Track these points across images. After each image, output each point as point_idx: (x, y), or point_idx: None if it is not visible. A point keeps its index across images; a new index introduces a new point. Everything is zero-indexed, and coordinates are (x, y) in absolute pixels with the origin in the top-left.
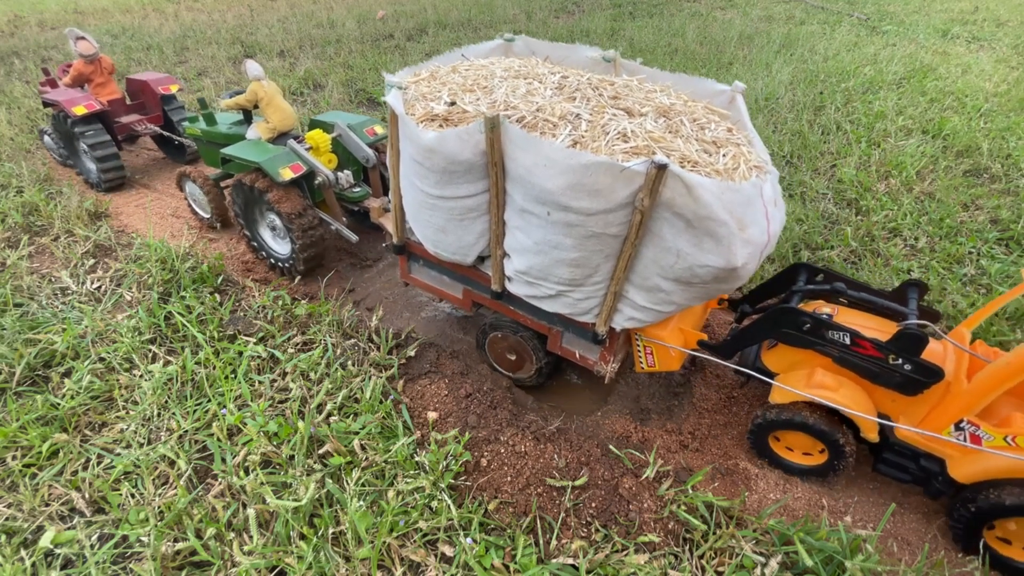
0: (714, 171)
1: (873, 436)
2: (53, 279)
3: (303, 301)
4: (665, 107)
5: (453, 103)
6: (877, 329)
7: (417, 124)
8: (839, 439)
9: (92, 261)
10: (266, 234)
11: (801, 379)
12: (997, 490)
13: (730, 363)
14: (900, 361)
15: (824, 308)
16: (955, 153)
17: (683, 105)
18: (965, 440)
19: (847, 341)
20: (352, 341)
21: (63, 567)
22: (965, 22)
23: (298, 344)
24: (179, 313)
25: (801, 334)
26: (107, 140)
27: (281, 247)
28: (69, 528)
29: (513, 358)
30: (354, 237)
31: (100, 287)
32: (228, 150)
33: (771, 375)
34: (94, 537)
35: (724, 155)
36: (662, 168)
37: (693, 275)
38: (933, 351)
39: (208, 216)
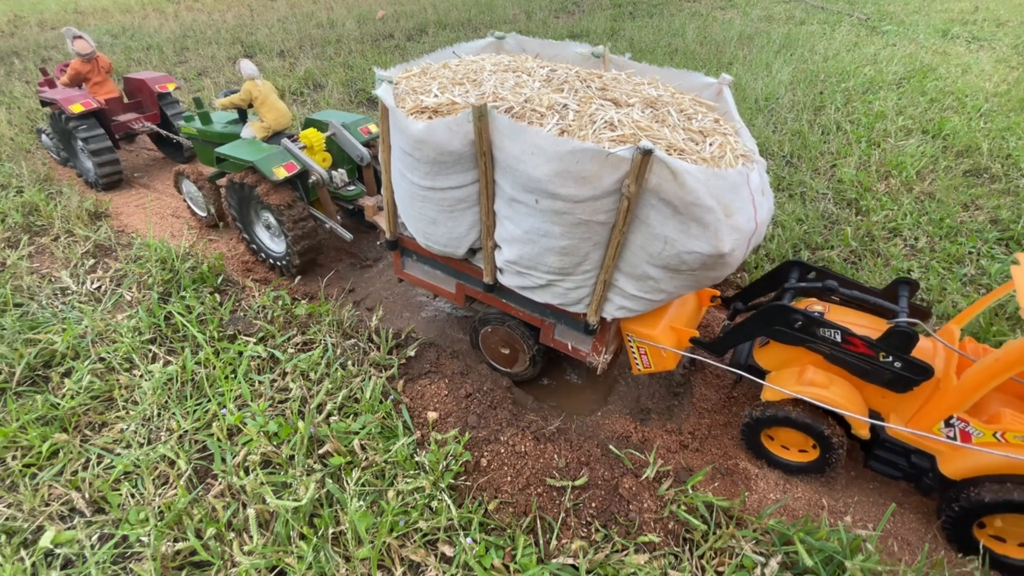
0: (700, 159)
1: (864, 433)
2: (53, 279)
3: (303, 301)
4: (652, 98)
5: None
6: (868, 327)
7: (407, 116)
8: (828, 434)
9: (92, 261)
10: (262, 233)
11: (792, 376)
12: (984, 486)
13: (722, 363)
14: (890, 359)
15: (815, 306)
16: (955, 153)
17: (670, 97)
18: (955, 437)
19: (838, 339)
20: (352, 341)
21: (63, 567)
22: (965, 22)
23: (298, 344)
24: (179, 313)
25: (792, 331)
26: (103, 138)
27: (277, 246)
28: (69, 528)
29: (507, 352)
30: (348, 235)
31: (100, 287)
32: (222, 149)
33: (763, 373)
34: (94, 537)
35: (711, 144)
36: (647, 154)
37: (681, 262)
38: (923, 349)
39: (205, 215)
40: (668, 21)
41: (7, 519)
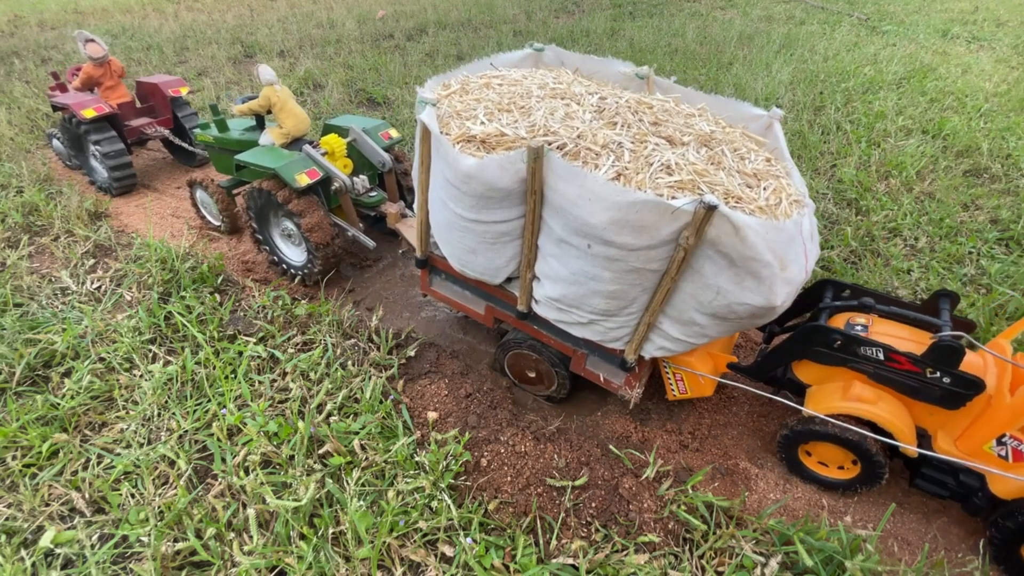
0: (757, 208)
1: (912, 452)
2: (53, 279)
3: (303, 301)
4: (706, 136)
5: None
6: (913, 340)
7: (454, 146)
8: (875, 453)
9: (92, 261)
10: (279, 240)
11: (837, 391)
12: None
13: (761, 389)
14: (938, 374)
15: (859, 318)
16: (955, 153)
17: (723, 133)
18: (1007, 455)
19: (881, 357)
20: (352, 341)
21: (63, 567)
22: (965, 22)
23: (298, 344)
24: (179, 313)
25: (832, 351)
26: (118, 143)
27: (295, 254)
28: (69, 528)
29: (532, 375)
30: (372, 243)
31: (100, 287)
32: (243, 156)
33: (802, 386)
34: (94, 537)
35: (765, 189)
36: (711, 209)
37: (730, 311)
38: (972, 363)
39: (220, 223)
40: (668, 21)
41: (7, 519)
